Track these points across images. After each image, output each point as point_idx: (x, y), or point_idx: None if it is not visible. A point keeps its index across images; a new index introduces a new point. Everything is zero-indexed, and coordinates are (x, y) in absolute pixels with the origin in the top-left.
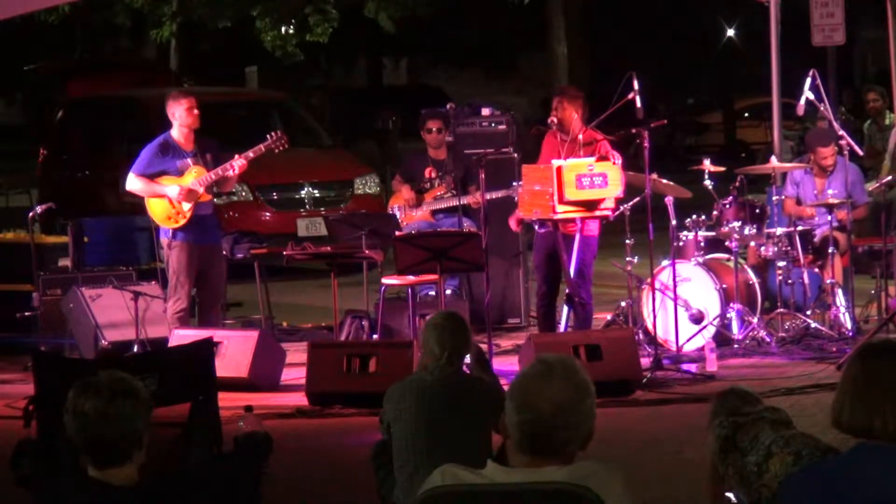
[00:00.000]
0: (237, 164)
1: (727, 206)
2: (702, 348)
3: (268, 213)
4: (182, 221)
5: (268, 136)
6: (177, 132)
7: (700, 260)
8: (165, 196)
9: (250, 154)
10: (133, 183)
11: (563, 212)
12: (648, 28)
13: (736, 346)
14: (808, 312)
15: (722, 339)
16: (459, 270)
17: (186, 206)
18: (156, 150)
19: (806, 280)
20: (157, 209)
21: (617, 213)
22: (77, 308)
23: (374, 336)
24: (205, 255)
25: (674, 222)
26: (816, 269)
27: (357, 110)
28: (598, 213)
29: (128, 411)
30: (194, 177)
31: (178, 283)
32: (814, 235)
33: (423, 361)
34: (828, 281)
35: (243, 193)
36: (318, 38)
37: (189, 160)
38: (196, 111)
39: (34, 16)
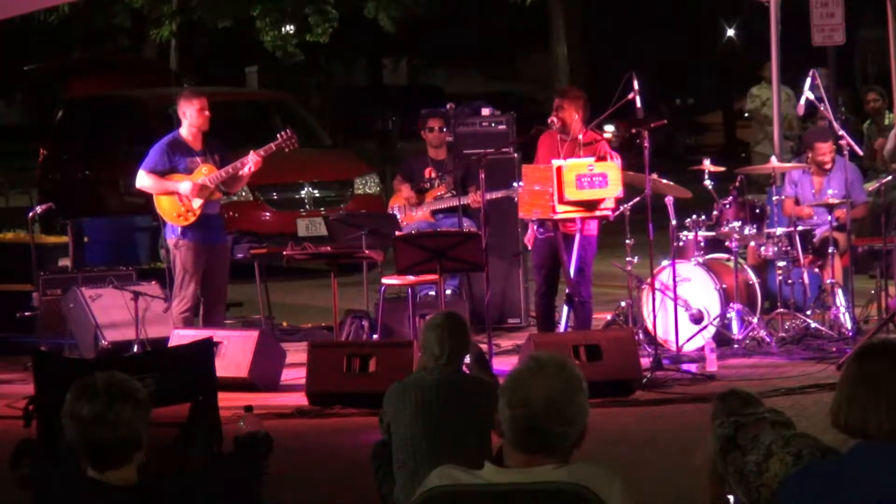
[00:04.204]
0: (252, 160)
1: (727, 206)
2: (702, 348)
3: (268, 213)
4: (192, 219)
5: (278, 134)
6: (186, 131)
7: (700, 260)
8: (176, 193)
9: (262, 152)
10: (143, 180)
11: (563, 212)
12: (648, 28)
13: (736, 346)
14: (808, 312)
15: (722, 339)
16: (459, 270)
17: (197, 204)
18: (165, 147)
19: (806, 280)
20: (166, 206)
21: (617, 213)
22: (77, 308)
23: (374, 336)
24: (211, 254)
25: (674, 222)
26: (816, 269)
27: (357, 110)
28: (598, 213)
29: (126, 414)
30: (204, 175)
31: (183, 283)
32: (814, 235)
33: (423, 361)
34: (828, 281)
35: (243, 193)
36: (318, 38)
37: (198, 159)
38: (207, 112)
39: (34, 16)
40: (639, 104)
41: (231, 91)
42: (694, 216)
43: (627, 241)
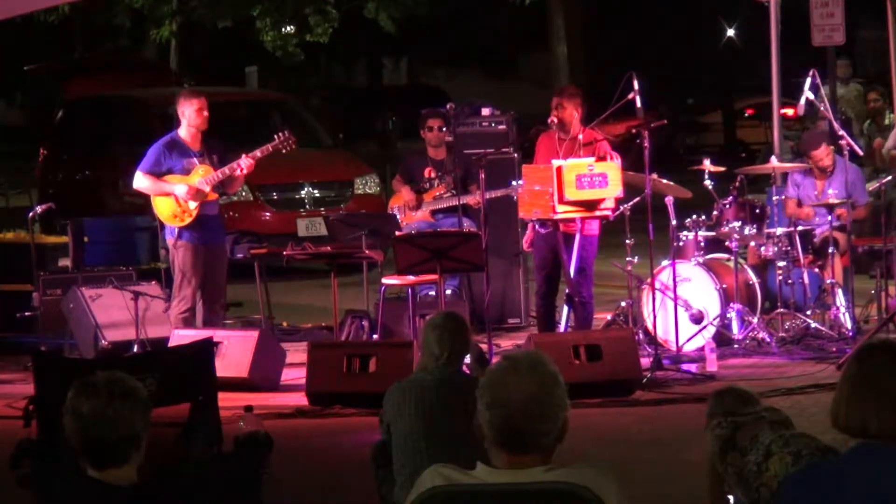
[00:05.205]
0: (244, 163)
1: (727, 206)
2: (702, 348)
3: (268, 213)
4: (188, 220)
5: (275, 136)
6: (185, 131)
7: (700, 260)
8: (172, 194)
9: (258, 154)
10: (140, 181)
11: (563, 212)
12: (648, 28)
13: (736, 346)
14: (808, 312)
15: (722, 339)
16: (459, 270)
17: (192, 205)
18: (163, 148)
19: (806, 280)
20: (162, 207)
21: (617, 213)
22: (77, 308)
23: (374, 336)
24: (210, 255)
25: (674, 222)
26: (816, 269)
27: (357, 110)
28: (598, 212)
29: (126, 413)
30: (201, 176)
31: (183, 283)
32: (814, 235)
33: (422, 361)
34: (828, 281)
35: (243, 193)
36: (318, 38)
37: (195, 160)
38: (206, 113)
39: (34, 16)
40: (639, 104)
41: (231, 91)
42: (694, 216)
43: (627, 241)
